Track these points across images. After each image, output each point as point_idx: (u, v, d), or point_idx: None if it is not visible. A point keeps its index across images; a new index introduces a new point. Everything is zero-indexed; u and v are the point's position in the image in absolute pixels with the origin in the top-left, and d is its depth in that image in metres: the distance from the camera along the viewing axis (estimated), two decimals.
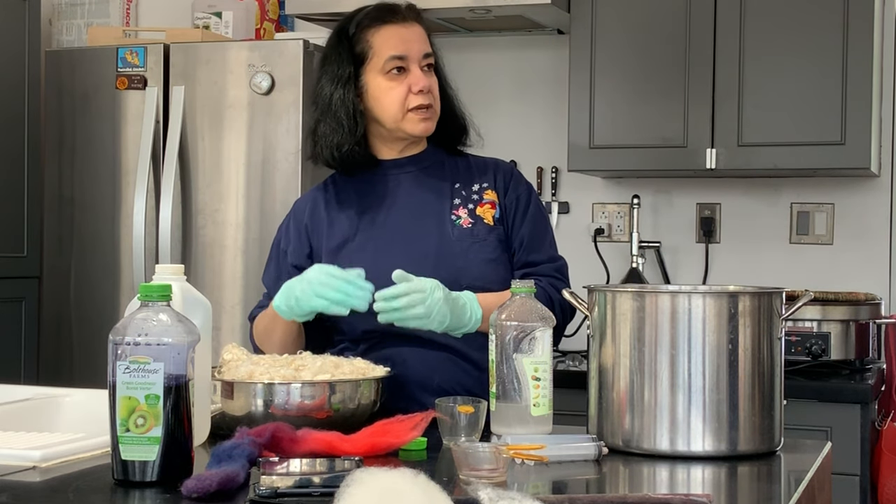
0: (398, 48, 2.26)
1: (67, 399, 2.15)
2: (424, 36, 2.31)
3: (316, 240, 2.35)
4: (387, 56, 2.25)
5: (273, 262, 2.41)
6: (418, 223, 2.31)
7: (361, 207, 2.34)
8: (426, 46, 2.30)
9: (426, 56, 2.29)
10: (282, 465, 1.59)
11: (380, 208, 2.33)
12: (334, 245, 2.32)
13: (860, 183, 3.77)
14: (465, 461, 1.62)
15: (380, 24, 2.28)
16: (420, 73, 2.26)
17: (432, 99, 2.28)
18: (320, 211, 2.37)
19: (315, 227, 2.36)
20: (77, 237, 3.68)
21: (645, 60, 3.60)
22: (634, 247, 3.80)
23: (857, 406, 3.10)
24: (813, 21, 3.43)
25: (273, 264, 2.41)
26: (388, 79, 2.26)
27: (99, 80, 3.65)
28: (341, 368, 2.00)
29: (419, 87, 2.25)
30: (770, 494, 1.77)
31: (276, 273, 2.37)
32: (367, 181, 2.36)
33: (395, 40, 2.26)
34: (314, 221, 2.36)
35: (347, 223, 2.33)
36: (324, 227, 2.35)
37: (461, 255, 2.27)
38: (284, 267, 2.36)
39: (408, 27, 2.28)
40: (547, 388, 1.97)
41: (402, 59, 2.26)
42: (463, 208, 2.32)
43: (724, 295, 1.88)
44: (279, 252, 2.40)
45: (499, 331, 1.97)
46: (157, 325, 1.57)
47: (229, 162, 3.49)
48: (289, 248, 2.37)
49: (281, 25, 4.17)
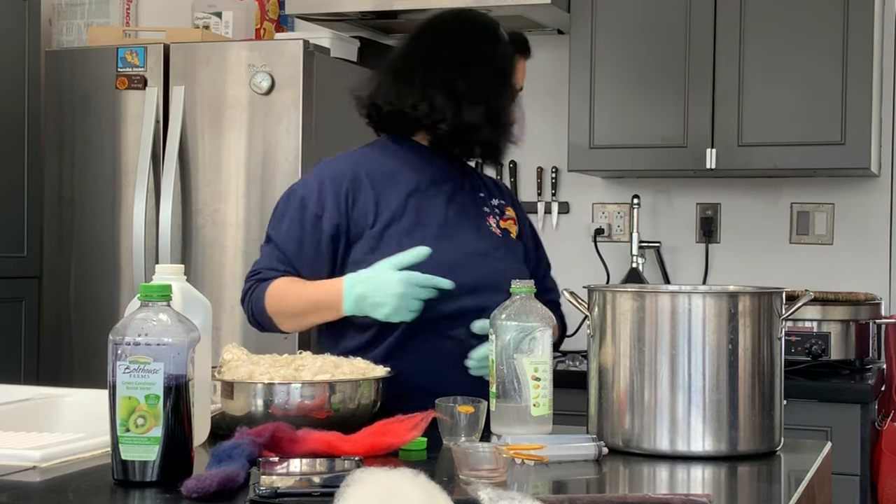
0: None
1: (67, 399, 2.15)
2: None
3: (359, 213, 2.27)
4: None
5: (294, 223, 2.28)
6: (463, 219, 2.34)
7: (407, 189, 2.31)
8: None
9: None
10: (282, 465, 1.59)
11: (425, 196, 2.32)
12: (383, 223, 2.27)
13: (860, 183, 3.77)
14: (465, 461, 1.62)
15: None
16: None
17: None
18: (364, 183, 2.29)
19: (359, 199, 2.28)
20: (77, 237, 3.68)
21: (645, 60, 3.60)
22: (634, 247, 3.81)
23: (857, 406, 3.10)
24: (813, 21, 3.43)
25: (294, 225, 2.28)
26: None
27: (99, 80, 3.65)
28: (341, 368, 2.00)
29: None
30: (770, 494, 1.77)
31: (299, 236, 2.26)
32: (411, 164, 2.35)
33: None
34: (358, 193, 2.28)
35: (395, 203, 2.29)
36: (370, 202, 2.28)
37: (501, 259, 2.34)
38: (316, 234, 2.26)
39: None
40: (547, 388, 1.97)
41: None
42: (491, 217, 2.40)
43: (724, 295, 1.88)
44: (307, 214, 2.27)
45: (499, 331, 1.97)
46: (157, 325, 1.57)
47: (229, 162, 3.49)
48: (324, 214, 2.26)
49: (281, 25, 4.17)
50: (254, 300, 2.28)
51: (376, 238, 2.26)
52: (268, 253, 2.31)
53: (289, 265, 2.27)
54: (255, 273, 2.30)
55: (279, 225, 2.31)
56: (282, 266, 2.27)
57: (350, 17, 3.85)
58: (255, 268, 2.31)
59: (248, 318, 2.32)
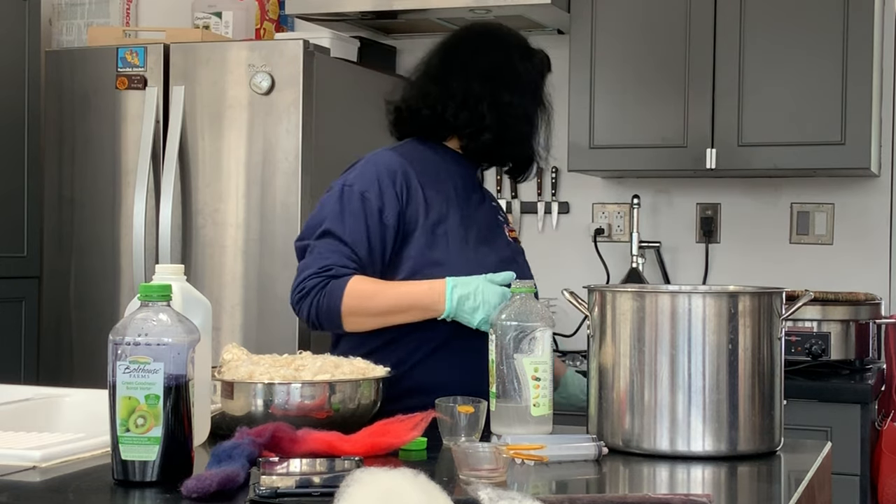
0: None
1: (67, 399, 2.15)
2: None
3: (412, 208, 2.29)
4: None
5: (358, 218, 2.25)
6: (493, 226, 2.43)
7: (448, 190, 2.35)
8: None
9: None
10: (282, 465, 1.59)
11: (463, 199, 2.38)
12: (432, 221, 2.29)
13: (860, 183, 3.77)
14: (465, 461, 1.62)
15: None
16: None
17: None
18: (413, 179, 2.31)
19: (411, 194, 2.29)
20: (77, 237, 3.68)
21: (645, 60, 3.60)
22: (634, 247, 3.80)
23: (857, 406, 3.10)
24: (813, 21, 3.43)
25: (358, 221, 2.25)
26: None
27: (99, 80, 3.65)
28: (341, 368, 2.00)
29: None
30: (770, 494, 1.77)
31: (366, 232, 2.24)
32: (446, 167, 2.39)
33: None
34: (410, 188, 2.29)
35: (440, 201, 2.32)
36: (420, 197, 2.30)
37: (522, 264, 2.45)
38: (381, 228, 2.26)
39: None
40: (547, 388, 1.97)
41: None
42: (504, 227, 2.49)
43: (724, 295, 1.88)
44: (369, 208, 2.26)
45: (499, 331, 1.97)
46: (157, 325, 1.57)
47: (229, 162, 3.49)
48: (384, 207, 2.26)
49: (281, 25, 4.17)
50: (328, 295, 2.21)
51: (429, 234, 2.28)
52: (334, 249, 2.24)
53: (358, 262, 2.24)
54: (326, 268, 2.22)
55: (340, 221, 2.26)
56: (352, 264, 2.23)
57: (350, 17, 3.85)
58: (325, 263, 2.22)
59: (309, 313, 2.23)
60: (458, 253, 2.28)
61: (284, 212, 3.41)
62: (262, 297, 3.43)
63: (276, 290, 3.40)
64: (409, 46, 4.19)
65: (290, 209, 3.40)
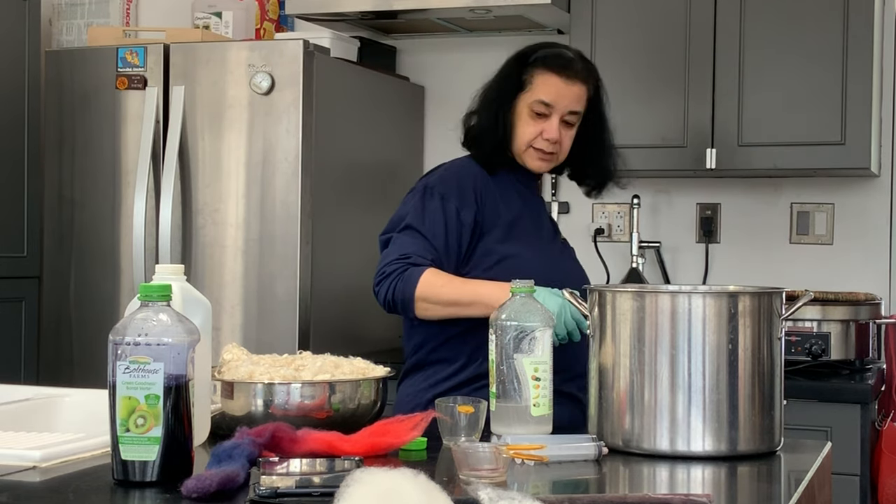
0: (549, 96, 2.46)
1: (67, 399, 2.15)
2: (582, 95, 2.50)
3: (489, 210, 2.45)
4: (536, 98, 2.46)
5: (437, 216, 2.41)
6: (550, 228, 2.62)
7: (514, 194, 2.52)
8: (576, 105, 2.49)
9: (571, 113, 2.49)
10: (282, 465, 1.59)
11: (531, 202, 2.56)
12: (506, 223, 2.46)
13: (860, 183, 3.77)
14: (465, 461, 1.62)
15: (548, 70, 2.48)
16: (556, 124, 2.47)
17: (558, 149, 2.50)
18: (489, 183, 2.48)
19: (487, 196, 2.46)
20: (77, 237, 3.68)
21: (645, 60, 3.60)
22: (634, 247, 3.81)
23: (857, 406, 3.10)
24: (813, 21, 3.43)
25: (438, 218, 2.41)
26: (529, 115, 2.47)
27: (99, 80, 3.65)
28: (341, 368, 2.00)
29: (548, 136, 2.47)
30: (770, 494, 1.77)
31: (444, 229, 2.40)
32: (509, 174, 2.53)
33: (552, 90, 2.46)
34: (486, 190, 2.46)
35: (512, 204, 2.49)
36: (496, 200, 2.47)
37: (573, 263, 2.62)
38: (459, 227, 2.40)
39: (570, 84, 2.47)
40: (547, 388, 1.97)
41: (547, 107, 2.46)
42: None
43: (724, 295, 1.88)
44: (448, 208, 2.41)
45: (499, 331, 1.97)
46: (157, 325, 1.57)
47: (229, 162, 3.49)
48: (461, 208, 2.42)
49: (281, 25, 4.17)
50: (405, 279, 2.34)
51: (505, 230, 2.45)
52: (414, 241, 2.40)
53: (436, 255, 2.39)
54: (406, 256, 2.37)
55: (421, 218, 2.41)
56: (430, 255, 2.38)
57: (350, 17, 3.85)
58: (405, 251, 2.38)
59: (386, 295, 2.36)
60: (531, 247, 2.46)
61: (284, 212, 3.41)
62: (262, 297, 3.43)
63: (276, 290, 3.40)
64: (409, 46, 4.19)
65: (290, 209, 3.40)
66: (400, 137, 4.03)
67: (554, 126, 2.46)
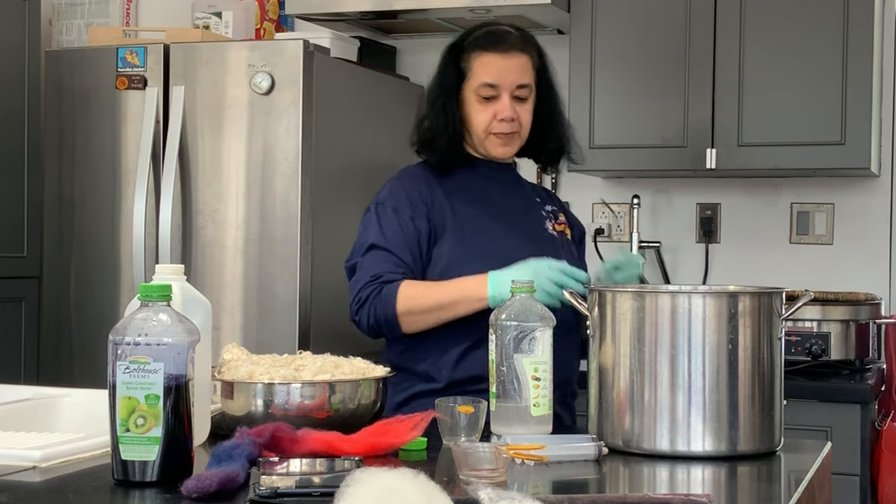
0: (492, 76, 2.41)
1: (67, 399, 2.15)
2: (525, 66, 2.43)
3: (437, 215, 2.41)
4: (480, 82, 2.41)
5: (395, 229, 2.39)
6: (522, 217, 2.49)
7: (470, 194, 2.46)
8: (523, 77, 2.42)
9: (520, 87, 2.42)
10: (282, 465, 1.59)
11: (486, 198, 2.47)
12: (458, 224, 2.40)
13: (860, 183, 3.77)
14: (465, 461, 1.62)
15: (482, 50, 2.42)
16: (508, 102, 2.41)
17: (518, 127, 2.44)
18: (436, 188, 2.44)
19: (436, 201, 2.42)
20: (77, 237, 3.68)
21: (645, 60, 3.60)
22: (634, 247, 3.80)
23: (857, 406, 3.10)
24: (813, 21, 3.43)
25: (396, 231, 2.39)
26: (479, 101, 2.42)
27: (99, 80, 3.64)
28: (341, 368, 2.00)
29: (503, 116, 2.41)
30: (770, 494, 1.77)
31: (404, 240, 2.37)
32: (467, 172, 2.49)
33: (492, 69, 2.41)
34: (434, 196, 2.43)
35: (464, 206, 2.43)
36: (445, 204, 2.43)
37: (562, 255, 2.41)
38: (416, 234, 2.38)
39: (508, 58, 2.41)
40: (547, 388, 1.97)
41: (493, 88, 2.41)
42: (549, 221, 2.54)
43: (724, 295, 1.88)
44: (402, 218, 2.39)
45: (499, 331, 1.97)
46: (157, 325, 1.57)
47: (229, 162, 3.49)
48: (414, 216, 2.40)
49: (281, 25, 4.17)
50: (383, 299, 2.32)
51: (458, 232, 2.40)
52: (380, 259, 2.37)
53: (406, 267, 2.36)
54: (377, 276, 2.34)
55: (381, 234, 2.39)
56: (400, 269, 2.35)
57: (350, 17, 3.85)
58: (375, 272, 2.35)
59: (369, 321, 2.34)
60: (488, 247, 2.38)
61: (284, 212, 3.41)
62: (262, 297, 3.43)
63: (276, 290, 3.40)
64: (409, 46, 4.19)
65: (290, 209, 3.40)
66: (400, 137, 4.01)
67: (506, 104, 2.40)
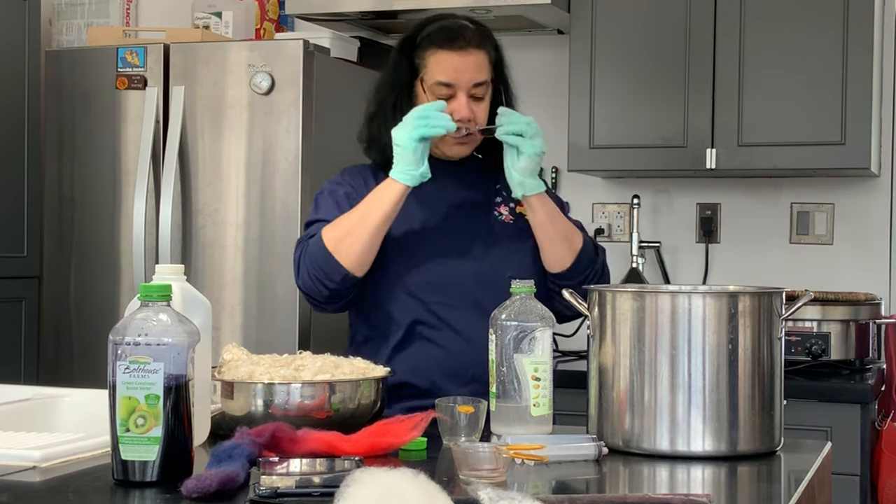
0: (447, 75, 2.33)
1: (67, 399, 2.15)
2: (482, 63, 2.35)
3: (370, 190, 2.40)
4: (434, 81, 2.33)
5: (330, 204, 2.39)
6: (467, 216, 2.41)
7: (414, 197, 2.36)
8: (479, 75, 2.34)
9: (477, 85, 2.34)
10: (282, 465, 1.59)
11: (431, 199, 2.39)
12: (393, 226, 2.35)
13: (860, 183, 3.77)
14: (465, 461, 1.62)
15: (437, 48, 2.34)
16: (464, 101, 2.32)
17: (474, 127, 2.35)
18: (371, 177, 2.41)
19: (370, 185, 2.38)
20: (77, 237, 3.68)
21: (645, 60, 3.60)
22: (634, 247, 3.80)
23: (857, 406, 3.10)
24: (813, 21, 3.43)
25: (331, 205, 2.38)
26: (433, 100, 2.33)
27: (99, 80, 3.65)
28: (341, 368, 2.00)
29: (459, 117, 2.32)
30: (770, 494, 1.77)
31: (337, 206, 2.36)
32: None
33: (447, 67, 2.33)
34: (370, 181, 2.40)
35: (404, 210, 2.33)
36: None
37: (504, 248, 2.39)
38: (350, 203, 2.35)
39: (464, 55, 2.33)
40: (547, 388, 1.97)
41: (448, 87, 2.33)
42: (504, 206, 2.43)
43: (724, 295, 1.88)
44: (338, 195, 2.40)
45: (499, 331, 1.97)
46: (157, 325, 1.57)
47: (229, 162, 3.49)
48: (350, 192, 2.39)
49: (281, 25, 4.17)
50: (311, 247, 2.30)
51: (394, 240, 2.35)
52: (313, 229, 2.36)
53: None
54: (302, 239, 2.37)
55: (317, 211, 2.39)
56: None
57: (350, 17, 3.85)
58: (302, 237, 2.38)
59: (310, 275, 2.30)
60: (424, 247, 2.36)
61: (284, 212, 3.41)
62: (262, 297, 3.43)
63: (276, 290, 3.40)
64: None
65: (290, 209, 3.40)
66: None
67: (462, 104, 2.32)
